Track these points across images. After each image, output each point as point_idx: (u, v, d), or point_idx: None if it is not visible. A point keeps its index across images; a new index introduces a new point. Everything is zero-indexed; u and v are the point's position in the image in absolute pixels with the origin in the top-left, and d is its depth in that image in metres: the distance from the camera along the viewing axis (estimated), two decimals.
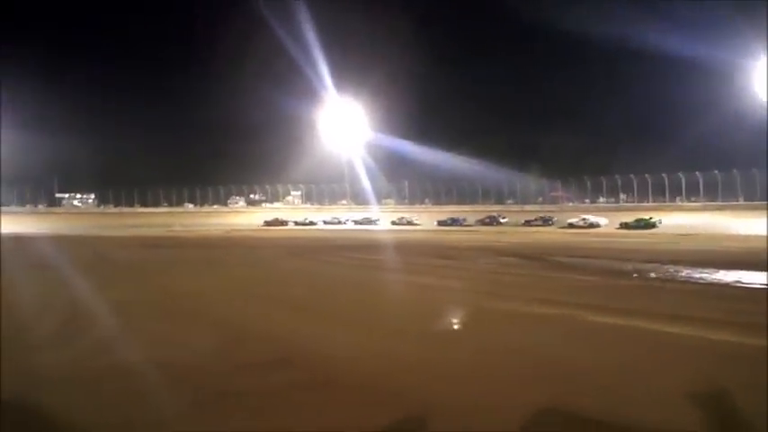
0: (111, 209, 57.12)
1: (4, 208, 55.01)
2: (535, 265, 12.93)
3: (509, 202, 56.40)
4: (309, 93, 54.72)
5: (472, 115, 57.15)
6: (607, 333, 5.40)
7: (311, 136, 57.17)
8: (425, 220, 47.55)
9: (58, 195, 57.41)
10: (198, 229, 45.41)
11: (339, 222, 49.53)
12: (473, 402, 3.58)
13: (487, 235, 32.13)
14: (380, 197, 58.64)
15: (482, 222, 44.09)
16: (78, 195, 58.23)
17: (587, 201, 53.89)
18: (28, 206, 55.72)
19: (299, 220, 50.01)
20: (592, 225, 37.82)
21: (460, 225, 43.70)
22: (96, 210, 57.30)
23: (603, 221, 38.01)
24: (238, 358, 4.19)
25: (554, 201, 54.24)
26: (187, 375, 3.72)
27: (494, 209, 52.16)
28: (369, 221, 49.09)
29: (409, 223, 46.78)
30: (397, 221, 47.38)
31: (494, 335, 5.19)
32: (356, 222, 49.17)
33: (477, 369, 4.26)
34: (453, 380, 3.89)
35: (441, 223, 44.80)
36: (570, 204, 52.99)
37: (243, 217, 53.67)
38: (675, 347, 4.68)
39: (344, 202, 58.10)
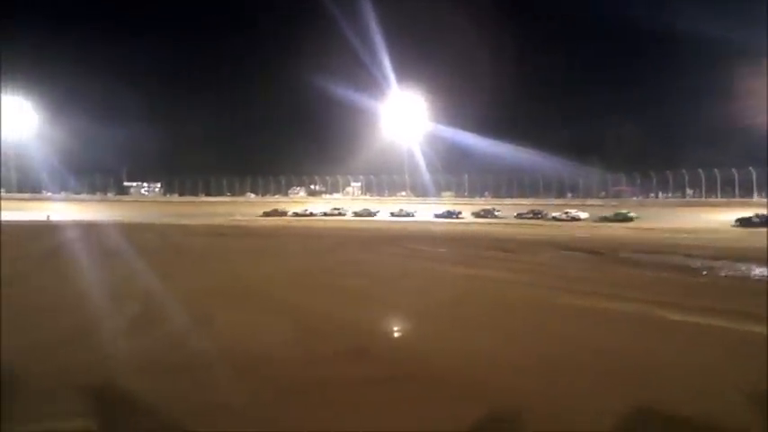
0: (177, 198, 58.69)
1: (75, 195, 57.08)
2: (594, 259, 12.53)
3: (569, 195, 56.44)
4: (371, 84, 55.46)
5: (534, 107, 57.17)
6: (687, 331, 5.12)
7: (372, 127, 57.91)
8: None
9: (126, 184, 59.24)
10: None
11: (407, 215, 49.90)
12: (561, 401, 3.37)
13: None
14: (440, 189, 59.22)
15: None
16: (146, 184, 59.97)
17: (652, 195, 53.66)
18: (98, 194, 57.56)
19: (299, 210, 50.85)
20: (573, 218, 41.35)
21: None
22: (162, 198, 58.97)
23: (584, 215, 41.86)
24: (314, 349, 4.08)
25: (617, 195, 53.99)
26: (266, 364, 3.65)
27: (555, 203, 52.42)
28: (405, 213, 49.06)
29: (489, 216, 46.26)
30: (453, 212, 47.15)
31: (573, 331, 4.94)
32: (393, 214, 49.44)
33: (561, 367, 3.96)
34: (538, 377, 3.65)
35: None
36: (635, 199, 52.72)
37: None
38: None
39: (404, 193, 58.72)
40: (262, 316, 5.22)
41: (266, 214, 50.69)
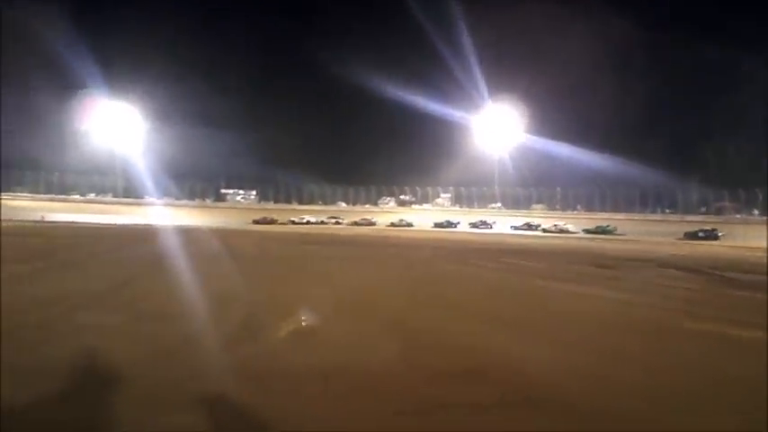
0: (271, 205, 60.58)
1: (176, 201, 59.55)
2: (699, 278, 11.71)
3: (667, 211, 55.96)
4: (463, 95, 56.25)
5: (630, 118, 56.66)
6: None
7: (464, 138, 58.70)
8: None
9: (223, 191, 61.45)
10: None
11: (485, 224, 50.66)
12: None
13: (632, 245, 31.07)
14: (531, 202, 59.53)
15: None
16: (241, 191, 62.09)
17: (756, 212, 52.72)
18: (197, 200, 59.93)
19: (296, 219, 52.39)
20: (562, 230, 45.33)
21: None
22: (257, 206, 60.92)
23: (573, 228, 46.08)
24: (428, 366, 3.85)
25: (719, 212, 53.22)
26: (382, 381, 3.46)
27: (651, 218, 52.12)
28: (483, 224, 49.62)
29: (561, 231, 46.87)
30: (551, 228, 47.72)
31: (716, 362, 4.44)
32: (472, 225, 50.79)
33: (706, 400, 3.51)
34: (673, 409, 3.26)
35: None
36: (738, 216, 51.94)
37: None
38: None
39: (494, 205, 59.20)
40: (367, 329, 4.97)
41: (255, 222, 51.54)
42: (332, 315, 5.42)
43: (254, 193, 62.45)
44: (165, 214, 53.57)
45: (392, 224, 52.06)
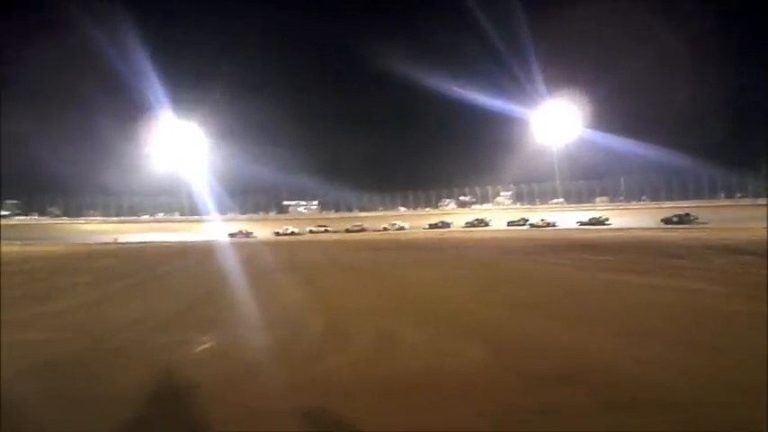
0: (333, 214, 61.50)
1: (240, 216, 60.94)
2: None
3: (738, 196, 55.22)
4: (520, 91, 56.27)
5: (695, 107, 55.88)
6: None
7: (522, 136, 58.69)
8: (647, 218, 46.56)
9: (285, 203, 62.65)
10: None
11: (548, 225, 50.56)
12: None
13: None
14: (593, 195, 59.30)
15: None
16: (303, 202, 63.20)
17: None
18: (261, 213, 61.23)
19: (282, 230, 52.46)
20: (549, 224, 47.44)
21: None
22: (319, 215, 61.93)
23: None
24: (521, 370, 3.65)
25: None
26: (474, 387, 3.29)
27: (720, 204, 51.47)
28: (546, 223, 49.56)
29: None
30: None
31: None
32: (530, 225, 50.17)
33: None
34: None
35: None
36: None
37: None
38: None
39: (556, 201, 59.12)
40: (449, 333, 4.75)
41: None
42: (415, 320, 5.20)
43: (315, 203, 63.51)
44: (230, 228, 55.07)
45: (468, 224, 52.43)
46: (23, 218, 57.70)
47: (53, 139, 57.27)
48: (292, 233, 52.47)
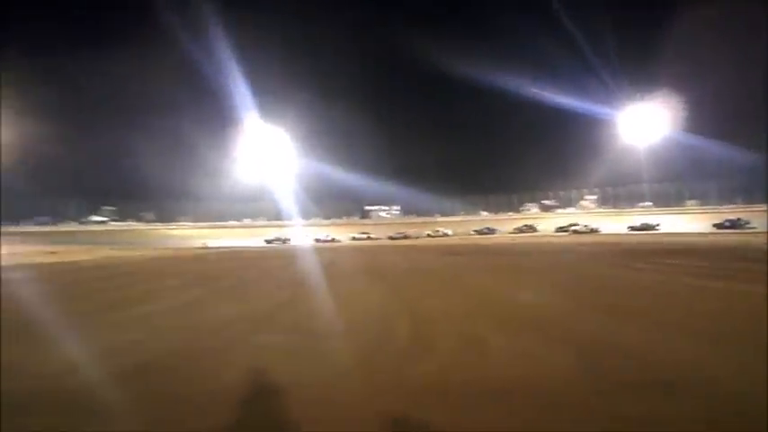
0: (415, 218, 61.97)
1: (324, 221, 61.93)
2: None
3: None
4: (605, 93, 56.24)
5: None
6: None
7: (608, 138, 58.43)
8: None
9: (366, 208, 63.55)
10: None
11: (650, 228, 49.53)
12: None
13: None
14: (682, 198, 58.30)
15: None
16: (385, 207, 64.04)
17: None
18: (344, 218, 62.17)
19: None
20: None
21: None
22: (400, 220, 62.51)
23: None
24: (613, 379, 3.46)
25: None
26: (565, 396, 3.16)
27: None
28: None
29: None
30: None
31: None
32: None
33: None
34: None
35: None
36: None
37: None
38: None
39: (643, 204, 58.28)
40: (534, 339, 4.61)
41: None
42: (497, 327, 5.10)
43: (397, 208, 64.21)
44: (316, 233, 56.03)
45: (572, 230, 51.84)
46: (119, 223, 59.86)
47: (146, 148, 59.83)
48: (333, 240, 53.60)
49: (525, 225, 54.33)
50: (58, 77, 62.69)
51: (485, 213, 61.95)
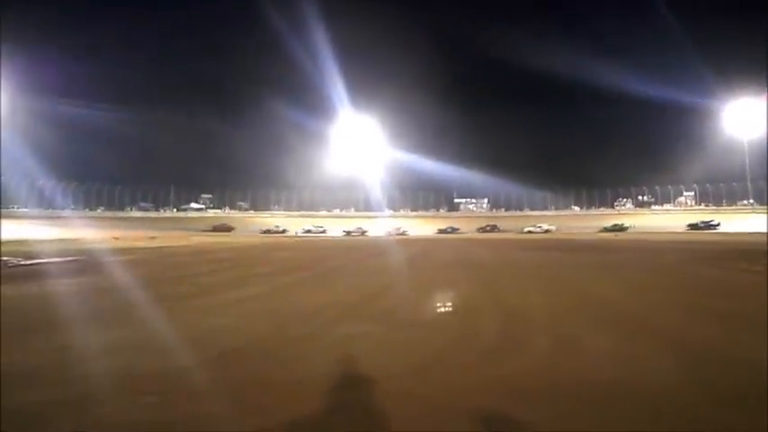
0: (503, 212, 62.35)
1: (411, 212, 62.99)
2: None
3: None
4: (705, 85, 54.90)
5: None
6: None
7: (707, 131, 57.22)
8: None
9: (456, 200, 64.39)
10: None
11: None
12: None
13: None
14: None
15: None
16: (473, 200, 64.72)
17: None
18: (431, 210, 63.15)
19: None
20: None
21: None
22: (489, 213, 62.99)
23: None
24: (718, 387, 3.17)
25: None
26: (668, 403, 2.92)
27: None
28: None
29: None
30: None
31: None
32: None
33: None
34: None
35: None
36: None
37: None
38: None
39: (745, 202, 56.87)
40: (632, 339, 4.39)
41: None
42: (594, 327, 4.95)
43: (485, 201, 64.75)
44: (405, 225, 57.08)
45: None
46: (216, 211, 62.49)
47: (241, 138, 62.08)
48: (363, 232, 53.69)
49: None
50: (157, 67, 65.59)
51: (576, 208, 61.71)
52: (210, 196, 63.61)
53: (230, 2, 69.54)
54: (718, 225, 50.92)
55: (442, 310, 6.05)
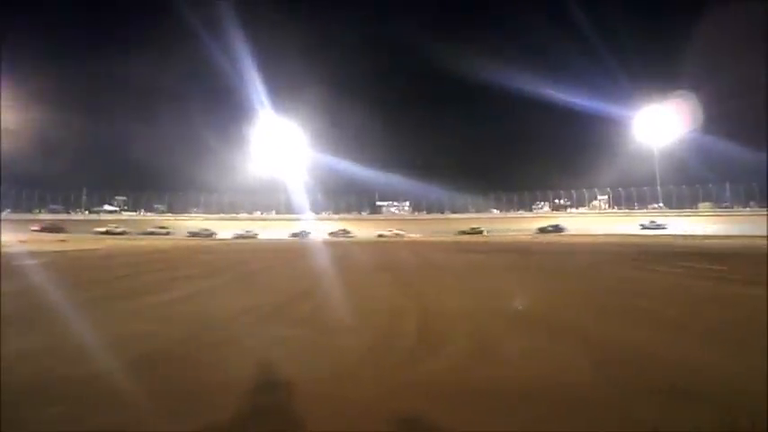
0: (424, 215, 63.18)
1: (334, 215, 63.15)
2: None
3: None
4: (617, 92, 56.98)
5: None
6: None
7: (622, 138, 59.27)
8: None
9: (378, 203, 64.80)
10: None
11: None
12: None
13: None
14: (696, 200, 59.11)
15: None
16: (395, 203, 65.25)
17: None
18: (353, 213, 63.42)
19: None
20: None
21: None
22: (410, 216, 63.69)
23: None
24: (628, 383, 3.28)
25: None
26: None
27: None
28: None
29: None
30: None
31: None
32: None
33: None
34: None
35: None
36: None
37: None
38: None
39: (655, 206, 59.20)
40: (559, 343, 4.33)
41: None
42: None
43: (407, 204, 65.40)
44: (326, 227, 57.29)
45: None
46: (131, 213, 61.29)
47: (158, 139, 61.01)
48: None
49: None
50: (72, 67, 63.73)
51: (495, 211, 63.01)
52: (125, 198, 62.38)
53: (148, 2, 67.92)
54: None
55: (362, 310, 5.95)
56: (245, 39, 56.27)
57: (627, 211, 60.24)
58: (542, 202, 62.82)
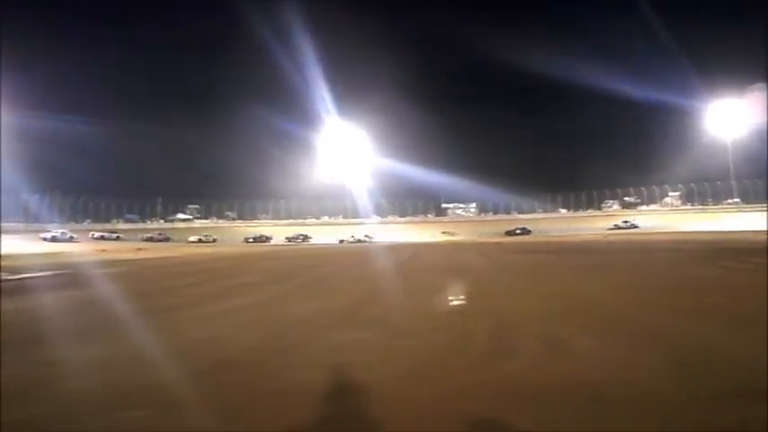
0: (491, 216, 63.88)
1: (400, 218, 64.33)
2: None
3: None
4: (690, 86, 56.92)
5: None
6: None
7: (691, 131, 59.13)
8: None
9: (444, 206, 65.87)
10: None
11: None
12: None
13: None
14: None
15: None
16: (461, 205, 66.24)
17: None
18: (419, 216, 64.59)
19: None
20: None
21: None
22: (477, 218, 64.52)
23: None
24: (700, 386, 3.13)
25: None
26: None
27: None
28: None
29: None
30: None
31: None
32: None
33: None
34: None
35: None
36: None
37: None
38: None
39: (731, 201, 58.65)
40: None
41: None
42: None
43: (473, 206, 66.30)
44: (393, 231, 58.36)
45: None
46: (204, 221, 63.50)
47: (230, 149, 63.29)
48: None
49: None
50: (144, 79, 66.73)
51: (563, 211, 63.36)
52: (198, 206, 64.67)
53: (213, 11, 70.93)
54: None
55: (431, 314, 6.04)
56: (311, 44, 58.28)
57: (701, 207, 59.88)
58: (612, 201, 62.88)
